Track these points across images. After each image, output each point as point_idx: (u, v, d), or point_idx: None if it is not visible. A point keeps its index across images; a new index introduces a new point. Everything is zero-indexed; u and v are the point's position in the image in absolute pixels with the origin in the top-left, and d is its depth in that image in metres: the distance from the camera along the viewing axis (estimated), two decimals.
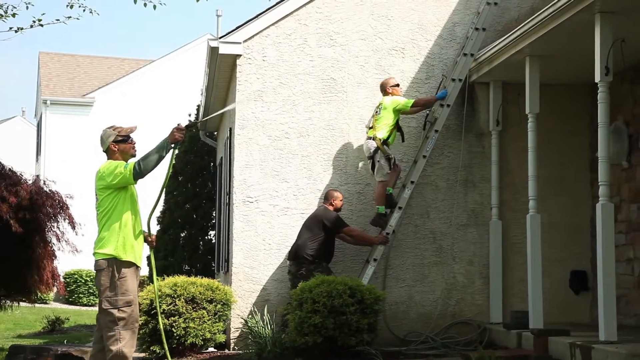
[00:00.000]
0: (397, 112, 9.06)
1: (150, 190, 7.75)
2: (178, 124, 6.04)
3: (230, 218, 9.67)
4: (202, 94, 12.79)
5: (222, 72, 10.21)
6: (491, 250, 9.47)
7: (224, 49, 9.45)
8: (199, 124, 12.67)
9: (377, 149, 8.95)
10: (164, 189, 6.37)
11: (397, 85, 9.26)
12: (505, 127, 9.56)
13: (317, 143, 9.48)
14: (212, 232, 14.18)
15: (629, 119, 8.93)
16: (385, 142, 9.00)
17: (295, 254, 8.86)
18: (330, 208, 9.00)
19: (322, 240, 8.80)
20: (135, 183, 6.01)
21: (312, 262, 8.72)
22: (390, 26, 9.65)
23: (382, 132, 8.99)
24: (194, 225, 14.20)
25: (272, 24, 9.49)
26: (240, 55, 9.44)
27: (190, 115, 15.54)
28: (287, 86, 9.50)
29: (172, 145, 5.92)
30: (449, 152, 9.64)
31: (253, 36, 9.47)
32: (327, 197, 9.07)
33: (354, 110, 9.54)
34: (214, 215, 13.86)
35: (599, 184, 7.13)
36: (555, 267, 9.51)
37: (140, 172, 5.88)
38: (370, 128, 9.09)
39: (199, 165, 14.42)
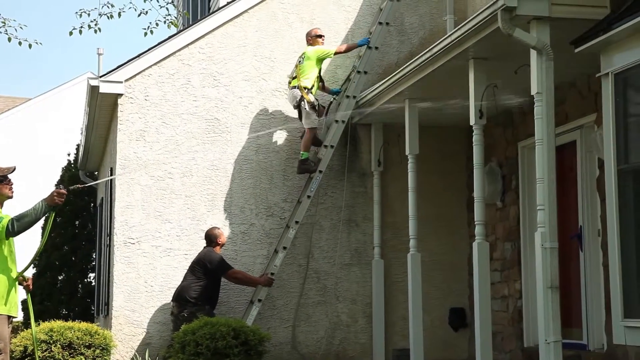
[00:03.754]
0: (320, 61, 9.27)
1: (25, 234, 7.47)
2: (59, 186, 5.86)
3: (111, 260, 9.43)
4: (82, 133, 12.49)
5: (102, 111, 10.03)
6: (374, 289, 9.60)
7: (104, 88, 9.30)
8: (84, 188, 12.31)
9: (302, 98, 9.07)
10: (42, 249, 6.16)
11: (320, 36, 9.46)
12: (387, 167, 9.78)
13: (201, 183, 9.41)
14: (91, 275, 13.77)
15: (502, 160, 9.31)
16: (309, 90, 9.15)
17: (178, 296, 8.72)
18: (217, 249, 8.93)
19: (205, 284, 8.70)
20: (7, 239, 5.78)
21: (195, 304, 8.60)
22: (274, 67, 9.75)
23: (306, 82, 9.15)
24: (72, 268, 13.76)
25: (155, 64, 9.42)
26: (122, 95, 9.31)
27: (69, 154, 15.11)
28: (170, 126, 9.41)
29: (52, 208, 5.74)
30: (333, 192, 9.76)
31: (135, 75, 9.37)
32: (210, 239, 8.97)
33: (238, 150, 9.54)
34: (94, 257, 13.48)
35: (475, 223, 7.38)
36: (435, 305, 9.73)
37: (13, 232, 5.71)
38: (294, 78, 9.25)
39: (78, 206, 14.01)
